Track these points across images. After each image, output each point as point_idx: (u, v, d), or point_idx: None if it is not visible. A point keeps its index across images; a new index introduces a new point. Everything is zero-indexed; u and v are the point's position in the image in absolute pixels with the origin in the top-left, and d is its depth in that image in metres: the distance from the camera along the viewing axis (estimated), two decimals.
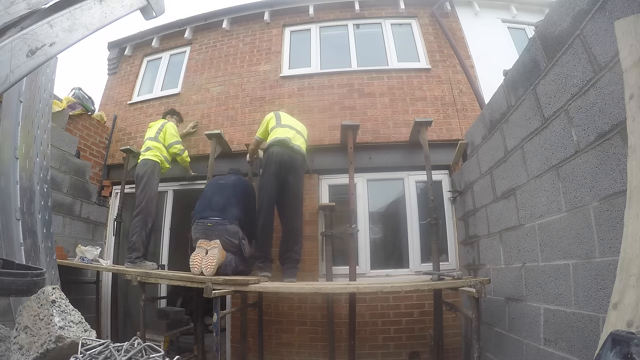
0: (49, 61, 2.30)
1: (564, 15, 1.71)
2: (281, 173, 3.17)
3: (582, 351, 1.59)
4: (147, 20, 1.98)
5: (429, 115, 4.01)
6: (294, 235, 3.24)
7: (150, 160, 3.65)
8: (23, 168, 2.53)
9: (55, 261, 2.75)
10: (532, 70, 2.05)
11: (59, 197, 3.83)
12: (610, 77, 1.41)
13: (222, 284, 2.37)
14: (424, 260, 3.73)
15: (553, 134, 1.85)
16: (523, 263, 2.20)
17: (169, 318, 3.80)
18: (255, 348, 3.55)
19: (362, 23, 5.03)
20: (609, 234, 1.45)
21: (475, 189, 3.05)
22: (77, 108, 4.46)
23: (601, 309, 1.47)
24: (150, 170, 3.61)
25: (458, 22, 4.88)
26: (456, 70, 4.39)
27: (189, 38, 5.34)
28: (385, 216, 4.18)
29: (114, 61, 5.65)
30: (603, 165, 1.49)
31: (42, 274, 1.55)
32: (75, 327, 1.47)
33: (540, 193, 1.99)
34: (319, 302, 3.61)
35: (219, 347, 2.35)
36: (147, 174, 3.58)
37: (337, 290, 2.88)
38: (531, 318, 2.05)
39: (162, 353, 1.41)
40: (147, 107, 5.01)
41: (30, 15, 1.37)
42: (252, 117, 4.40)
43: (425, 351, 3.41)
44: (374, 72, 4.46)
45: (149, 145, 3.75)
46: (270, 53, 4.87)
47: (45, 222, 2.66)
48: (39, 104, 2.77)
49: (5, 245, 2.30)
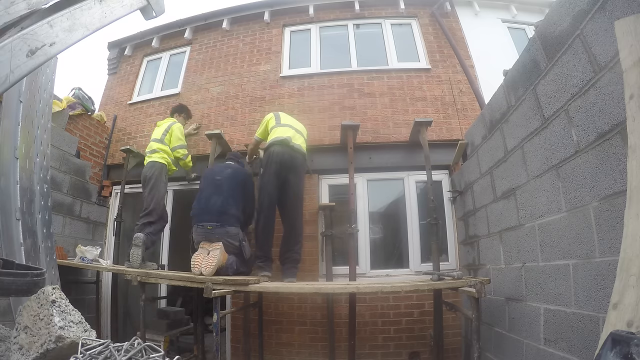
0: (49, 61, 2.29)
1: (564, 15, 1.71)
2: (282, 172, 3.16)
3: (582, 351, 1.59)
4: (147, 20, 1.98)
5: (429, 115, 4.01)
6: (294, 235, 3.24)
7: (158, 162, 3.63)
8: (23, 168, 2.53)
9: (55, 261, 2.75)
10: (532, 70, 2.04)
11: (59, 197, 3.83)
12: (610, 77, 1.41)
13: (222, 284, 2.37)
14: (424, 260, 3.72)
15: (553, 134, 1.85)
16: (523, 263, 2.20)
17: (169, 318, 3.80)
18: (255, 348, 3.55)
19: (362, 23, 5.03)
20: (609, 234, 1.45)
21: (475, 189, 3.05)
22: (77, 108, 4.46)
23: (601, 309, 1.47)
24: (158, 172, 3.59)
25: (458, 22, 4.88)
26: (456, 70, 4.39)
27: (189, 38, 5.34)
28: (385, 216, 4.18)
29: (114, 61, 5.65)
30: (603, 165, 1.48)
31: (42, 274, 1.55)
32: (75, 327, 1.47)
33: (540, 193, 1.99)
34: (319, 302, 3.61)
35: (219, 347, 2.35)
36: (155, 176, 3.56)
37: (337, 290, 2.88)
38: (531, 318, 2.05)
39: (162, 353, 1.41)
40: (147, 107, 5.00)
41: (30, 15, 1.37)
42: (252, 117, 4.40)
43: (425, 351, 3.41)
44: (374, 72, 4.46)
45: (155, 147, 3.72)
46: (270, 53, 4.87)
47: (45, 222, 2.66)
48: (39, 104, 2.77)
49: (5, 245, 2.30)
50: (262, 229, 3.13)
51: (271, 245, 3.20)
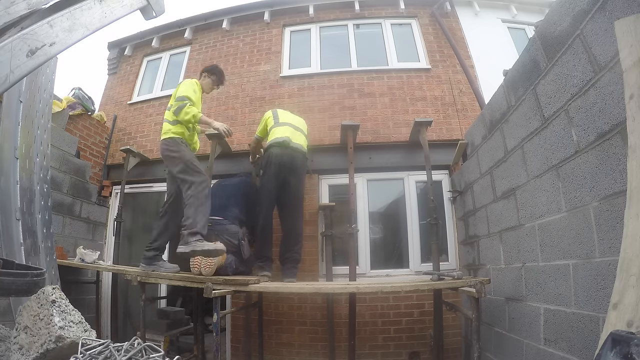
0: (49, 61, 2.30)
1: (564, 15, 1.71)
2: (281, 174, 3.17)
3: (582, 351, 1.59)
4: (147, 20, 1.98)
5: (429, 115, 4.01)
6: (294, 235, 3.25)
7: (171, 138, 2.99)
8: (23, 168, 2.53)
9: (55, 261, 2.76)
10: (532, 70, 2.04)
11: (59, 197, 3.82)
12: (610, 77, 1.41)
13: (222, 284, 2.37)
14: (424, 260, 3.73)
15: (553, 134, 1.85)
16: (523, 263, 2.20)
17: (169, 318, 3.80)
18: (255, 348, 3.55)
19: (362, 23, 5.03)
20: (609, 234, 1.45)
21: (475, 189, 3.05)
22: (77, 108, 4.46)
23: (601, 309, 1.47)
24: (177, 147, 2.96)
25: (458, 22, 4.88)
26: (456, 70, 4.39)
27: (189, 38, 5.34)
28: (385, 216, 4.18)
29: (114, 61, 5.65)
30: (603, 165, 1.48)
31: (42, 274, 1.55)
32: (75, 327, 1.47)
33: (540, 193, 1.99)
34: (319, 302, 3.61)
35: (219, 347, 2.35)
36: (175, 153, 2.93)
37: (337, 290, 2.88)
38: (531, 318, 2.05)
39: (162, 353, 1.41)
40: (147, 107, 5.00)
41: (30, 15, 1.37)
42: (252, 117, 4.40)
43: (425, 351, 3.41)
44: (374, 72, 4.46)
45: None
46: (270, 53, 4.87)
47: (45, 222, 2.66)
48: (39, 104, 2.78)
49: (5, 245, 2.30)
50: (262, 229, 3.16)
51: (271, 245, 3.22)
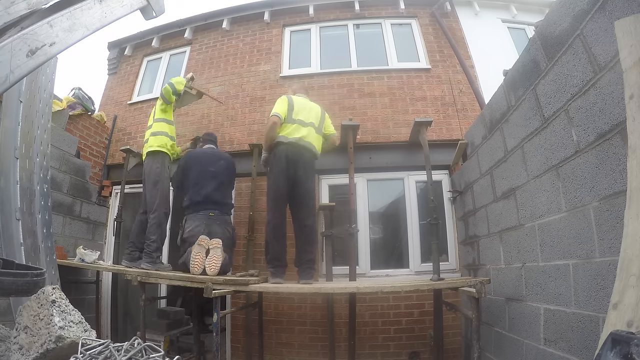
0: (49, 61, 2.30)
1: (564, 15, 1.71)
2: (290, 169, 2.93)
3: (582, 351, 1.59)
4: (147, 20, 1.99)
5: (429, 115, 4.00)
6: (307, 234, 2.98)
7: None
8: (23, 168, 2.53)
9: (55, 261, 2.76)
10: (532, 70, 2.04)
11: (59, 197, 3.82)
12: (610, 77, 1.41)
13: (222, 284, 2.37)
14: (424, 260, 3.72)
15: (553, 134, 1.85)
16: (523, 263, 2.20)
17: (169, 318, 3.80)
18: (255, 348, 3.55)
19: (362, 23, 5.03)
20: (609, 234, 1.45)
21: (475, 189, 3.05)
22: (77, 108, 4.46)
23: (601, 309, 1.47)
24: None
25: (458, 22, 4.88)
26: (456, 70, 4.39)
27: (189, 38, 5.34)
28: (385, 216, 4.18)
29: (114, 61, 5.65)
30: (603, 165, 1.48)
31: (42, 274, 1.55)
32: (75, 327, 1.47)
33: (540, 193, 1.99)
34: (319, 302, 3.61)
35: (219, 347, 2.35)
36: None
37: (337, 291, 2.88)
38: (531, 318, 2.05)
39: (162, 353, 1.41)
40: (147, 107, 4.99)
41: (30, 15, 1.37)
42: (252, 117, 4.40)
43: (425, 351, 3.41)
44: (374, 72, 4.46)
45: None
46: (270, 53, 4.87)
47: (45, 222, 2.67)
48: (39, 104, 2.78)
49: (5, 245, 2.30)
50: (273, 229, 2.87)
51: (284, 249, 2.92)
